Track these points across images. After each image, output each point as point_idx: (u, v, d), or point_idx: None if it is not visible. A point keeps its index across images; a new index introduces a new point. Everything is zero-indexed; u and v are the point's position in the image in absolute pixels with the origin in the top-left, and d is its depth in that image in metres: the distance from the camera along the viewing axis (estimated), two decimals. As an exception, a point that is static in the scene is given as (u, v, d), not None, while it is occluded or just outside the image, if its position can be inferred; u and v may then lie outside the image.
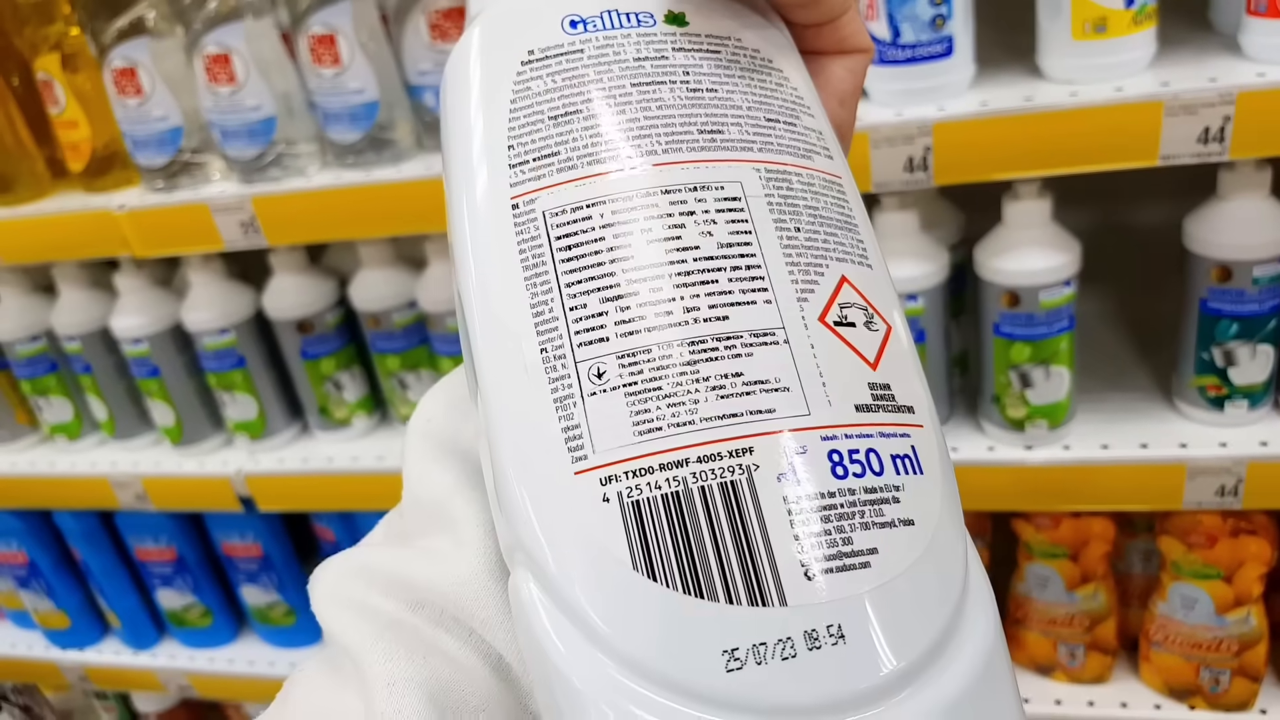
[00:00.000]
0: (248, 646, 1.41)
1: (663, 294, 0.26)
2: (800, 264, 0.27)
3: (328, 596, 0.31)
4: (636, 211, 0.27)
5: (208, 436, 1.23)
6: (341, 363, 1.16)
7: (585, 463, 0.24)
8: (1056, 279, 0.86)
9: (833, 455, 0.25)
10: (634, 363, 0.25)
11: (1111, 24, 0.76)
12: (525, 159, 0.28)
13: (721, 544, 0.24)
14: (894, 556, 0.24)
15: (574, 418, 0.25)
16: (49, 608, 1.44)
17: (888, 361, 0.27)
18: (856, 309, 0.27)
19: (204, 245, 1.03)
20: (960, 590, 0.25)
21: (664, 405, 0.25)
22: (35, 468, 1.30)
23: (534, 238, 0.27)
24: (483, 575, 0.29)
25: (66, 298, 1.21)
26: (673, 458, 0.24)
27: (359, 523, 1.26)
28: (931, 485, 0.26)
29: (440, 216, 0.94)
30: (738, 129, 0.29)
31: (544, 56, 0.29)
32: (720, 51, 0.30)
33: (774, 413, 0.25)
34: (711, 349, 0.25)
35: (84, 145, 1.08)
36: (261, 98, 0.97)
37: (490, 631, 0.29)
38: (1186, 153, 0.76)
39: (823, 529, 0.24)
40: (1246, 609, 0.96)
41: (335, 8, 0.93)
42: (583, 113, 0.28)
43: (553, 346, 0.26)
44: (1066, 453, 0.92)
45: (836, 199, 0.29)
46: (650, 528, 0.24)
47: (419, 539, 0.32)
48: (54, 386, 1.27)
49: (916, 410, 0.27)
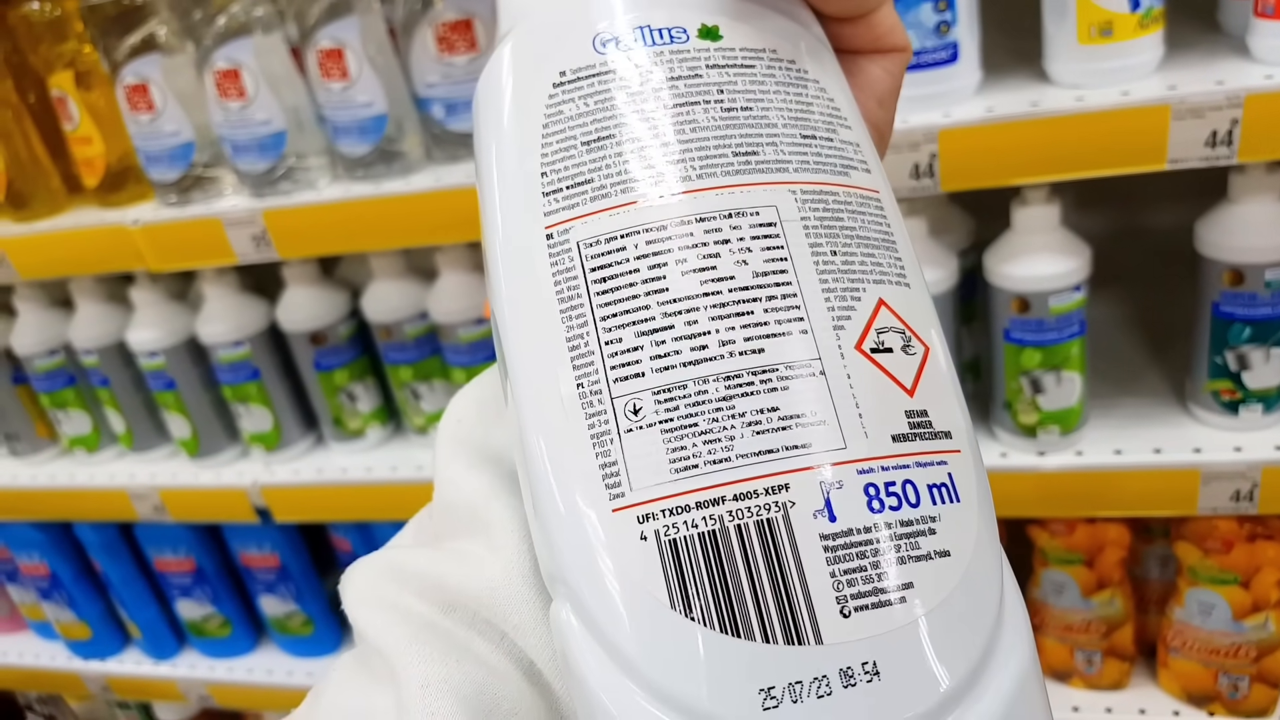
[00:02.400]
0: (267, 656, 1.42)
1: (698, 327, 0.26)
2: (837, 290, 0.27)
3: (360, 597, 0.31)
4: (671, 242, 0.26)
5: (224, 448, 1.23)
6: (355, 374, 1.16)
7: (623, 500, 0.25)
8: (1066, 284, 0.85)
9: (869, 489, 0.25)
10: (670, 399, 0.25)
11: (1117, 28, 0.76)
12: (559, 187, 0.28)
13: (758, 582, 0.24)
14: (929, 590, 0.24)
15: (611, 454, 0.25)
16: (71, 619, 1.46)
17: (925, 385, 0.27)
18: (894, 333, 0.27)
19: (217, 259, 1.04)
20: (995, 617, 0.25)
21: (700, 442, 0.25)
22: (55, 480, 1.31)
23: (569, 269, 0.27)
24: (516, 581, 0.29)
25: (83, 312, 1.22)
26: (709, 495, 0.24)
27: (375, 533, 1.27)
28: (968, 512, 0.26)
29: (449, 228, 0.95)
30: (773, 149, 0.28)
31: (576, 78, 0.29)
32: (755, 66, 0.29)
33: (810, 447, 0.25)
34: (747, 383, 0.25)
35: (98, 161, 1.10)
36: (271, 112, 0.98)
37: (523, 637, 0.29)
38: (1194, 156, 0.75)
39: (858, 565, 0.24)
40: (1264, 614, 0.95)
41: (343, 22, 0.93)
42: (615, 137, 0.28)
43: (589, 381, 0.26)
44: (1079, 459, 0.91)
45: (874, 216, 0.29)
46: (687, 566, 0.24)
47: (451, 541, 0.32)
48: (72, 399, 1.28)
49: (954, 434, 0.27)
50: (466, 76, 0.94)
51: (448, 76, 0.94)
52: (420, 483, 1.12)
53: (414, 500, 1.21)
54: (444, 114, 0.96)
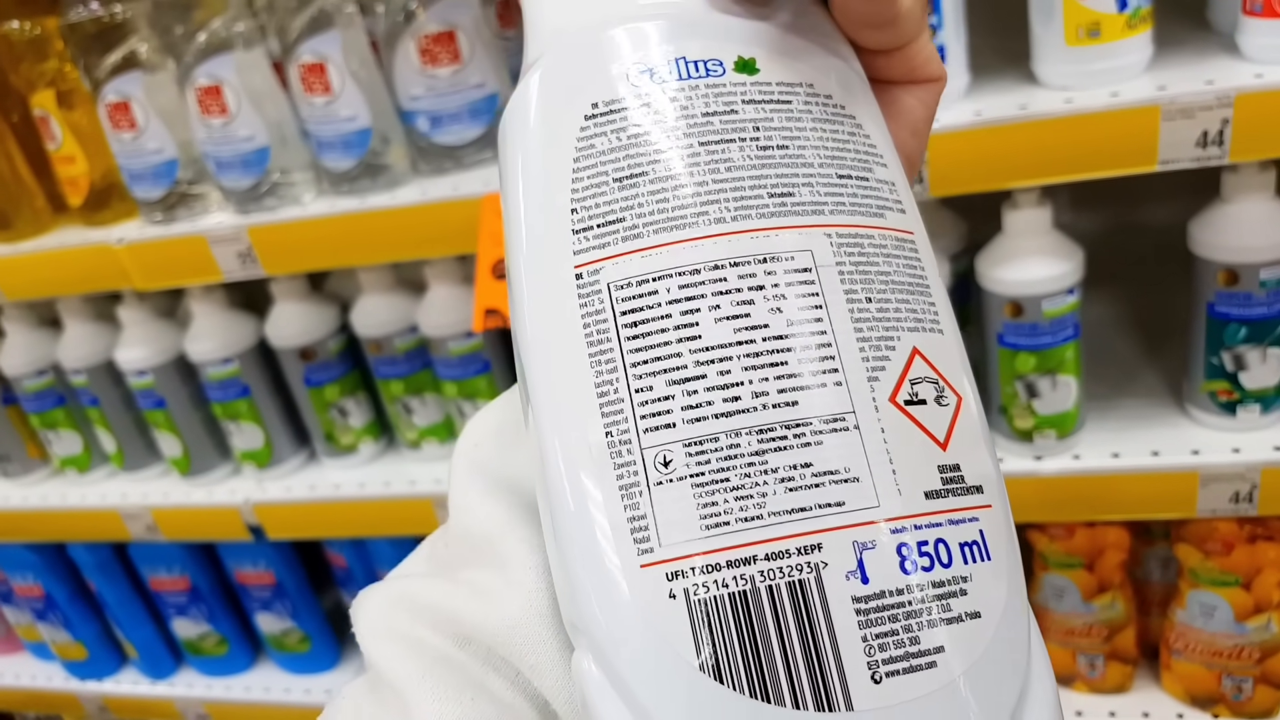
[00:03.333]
0: (264, 674, 1.41)
1: (731, 377, 0.25)
2: (871, 339, 0.26)
3: (372, 628, 0.31)
4: (704, 287, 0.26)
5: (215, 466, 1.23)
6: (345, 389, 1.16)
7: (651, 555, 0.24)
8: (1059, 288, 0.84)
9: (901, 549, 0.24)
10: (701, 451, 0.24)
11: (1105, 28, 0.75)
12: (589, 224, 0.27)
13: (789, 646, 0.23)
14: (960, 653, 0.24)
15: (639, 507, 0.24)
16: (66, 639, 1.45)
17: (958, 437, 0.26)
18: (927, 383, 0.27)
19: (203, 277, 1.03)
20: (1024, 676, 0.25)
21: (732, 499, 0.24)
22: (47, 501, 1.30)
23: (599, 312, 0.26)
24: (534, 620, 0.29)
25: (71, 331, 1.21)
26: (740, 555, 0.24)
27: (370, 548, 1.26)
28: (998, 570, 0.25)
29: (436, 241, 0.94)
30: (809, 190, 0.27)
31: (609, 110, 0.28)
32: (791, 101, 0.29)
33: (843, 506, 0.24)
34: (780, 437, 0.25)
35: (82, 180, 1.09)
36: (254, 128, 0.97)
37: (540, 677, 0.29)
38: (1185, 157, 0.74)
39: (890, 629, 0.24)
40: (1267, 616, 0.94)
41: (324, 36, 0.92)
42: (649, 175, 0.27)
43: (618, 430, 0.25)
44: (1077, 462, 0.90)
45: (908, 260, 0.28)
46: (717, 627, 0.23)
47: (466, 570, 0.31)
48: (62, 420, 1.27)
49: (985, 488, 0.26)
50: (450, 89, 0.93)
51: (431, 89, 0.94)
52: (414, 498, 1.11)
53: (408, 515, 1.20)
54: (429, 126, 0.95)
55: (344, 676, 1.37)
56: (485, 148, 0.96)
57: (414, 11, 0.91)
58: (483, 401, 1.09)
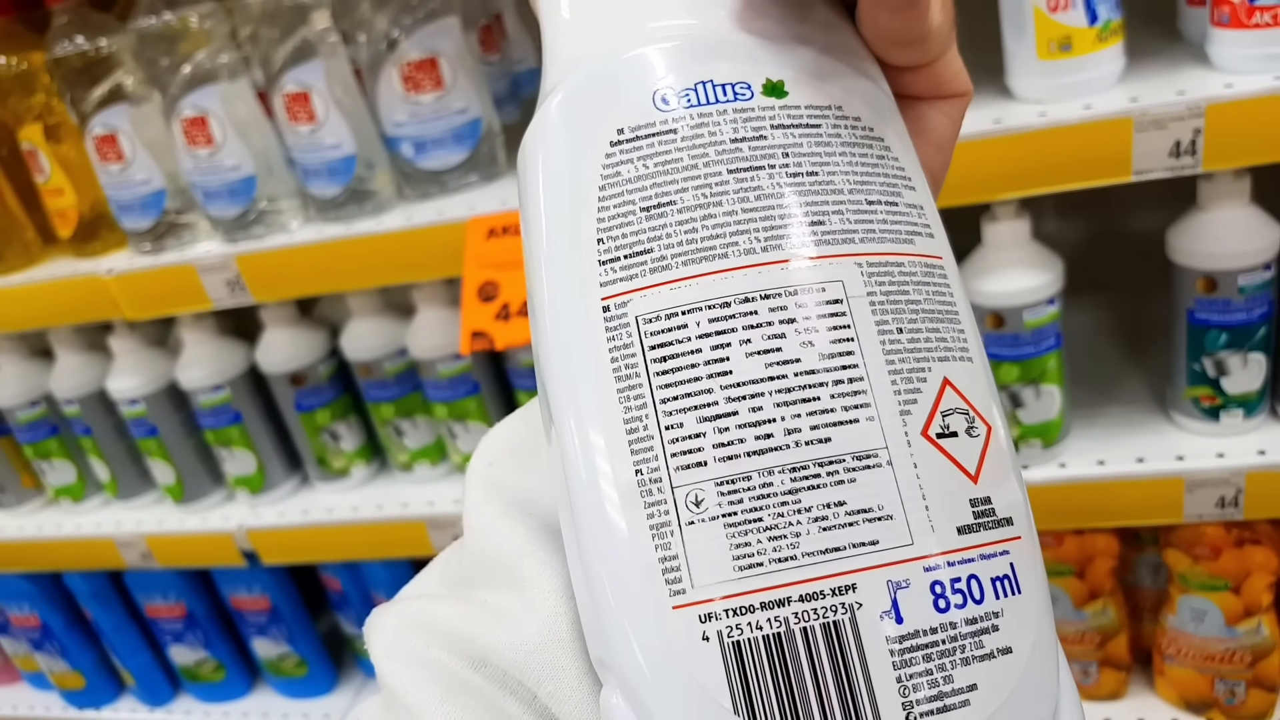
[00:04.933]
0: (262, 699, 1.41)
1: (763, 414, 0.24)
2: (903, 370, 0.26)
3: (387, 649, 0.30)
4: (735, 320, 0.25)
5: (209, 493, 1.23)
6: (337, 413, 1.16)
7: (684, 597, 0.24)
8: (1040, 298, 0.85)
9: (935, 587, 0.24)
10: (734, 490, 0.24)
11: (1076, 42, 0.76)
12: (616, 255, 0.26)
13: (824, 689, 0.23)
14: (993, 690, 0.24)
15: (671, 547, 0.24)
16: (64, 668, 1.45)
17: (988, 469, 0.26)
18: (958, 415, 0.26)
19: (192, 305, 1.04)
20: (1054, 706, 0.25)
21: (765, 539, 0.24)
22: (42, 531, 1.31)
23: (627, 346, 0.25)
24: (553, 645, 0.28)
25: (63, 362, 1.21)
26: (774, 596, 0.24)
27: (364, 571, 1.26)
28: (1028, 603, 0.25)
29: (423, 265, 0.95)
30: (839, 217, 0.27)
31: (634, 137, 0.27)
32: (820, 125, 0.28)
33: (877, 544, 0.24)
34: (813, 475, 0.24)
35: (70, 212, 1.09)
36: (240, 157, 0.98)
37: (557, 703, 0.28)
38: (1159, 167, 0.75)
39: (924, 669, 0.23)
40: (1257, 619, 0.94)
41: (308, 65, 0.93)
42: (677, 204, 0.26)
43: (648, 468, 0.25)
44: (1062, 471, 0.91)
45: (938, 286, 0.28)
46: (751, 670, 0.23)
47: (481, 590, 0.31)
48: (56, 449, 1.28)
49: (1015, 520, 0.26)
50: (434, 115, 0.94)
51: (415, 115, 0.94)
52: (406, 520, 1.12)
53: (401, 537, 1.20)
54: (413, 152, 0.96)
55: (341, 700, 1.37)
56: (469, 172, 0.97)
57: (396, 39, 0.92)
58: (473, 423, 1.09)
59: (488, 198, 0.95)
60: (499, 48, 1.03)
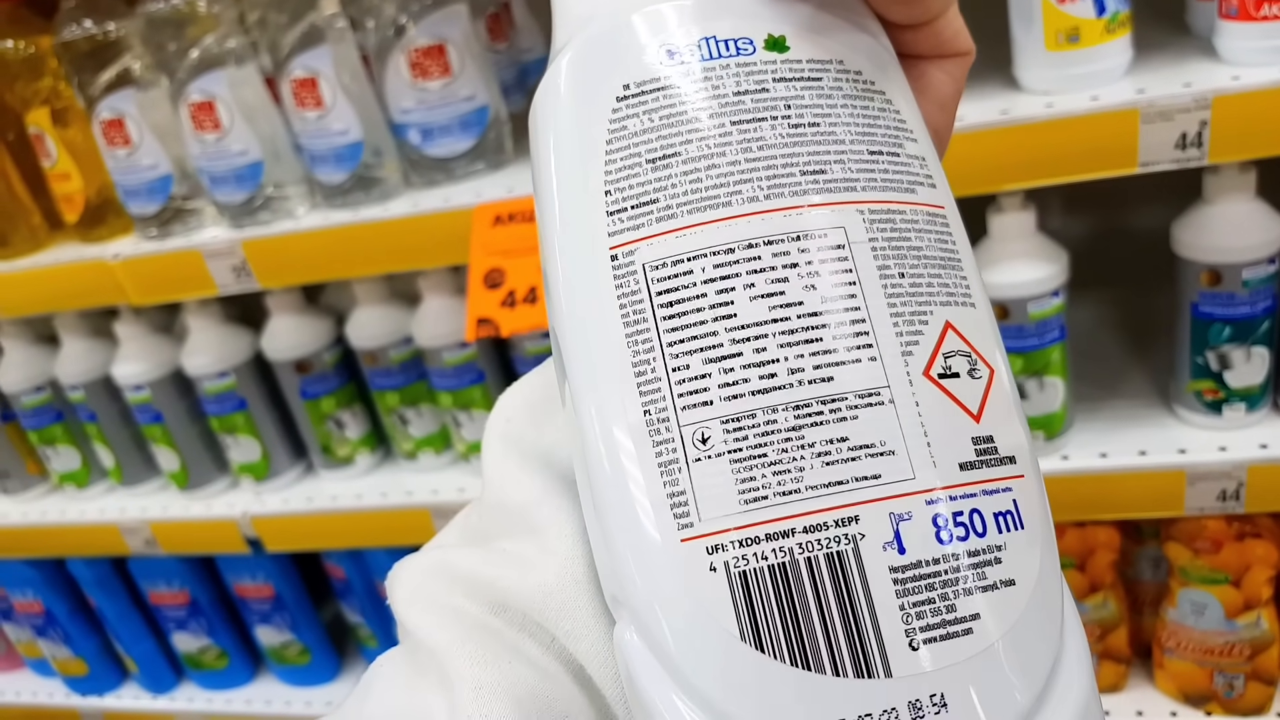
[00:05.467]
0: (265, 687, 1.41)
1: (766, 354, 0.25)
2: (904, 314, 0.26)
3: (408, 596, 0.31)
4: (739, 266, 0.26)
5: (213, 480, 1.23)
6: (342, 401, 1.16)
7: (691, 530, 0.25)
8: (1045, 290, 0.85)
9: (936, 520, 0.25)
10: (739, 428, 0.25)
11: (1084, 33, 0.76)
12: (624, 206, 0.27)
13: (828, 616, 0.24)
14: (995, 620, 0.24)
15: (679, 483, 0.25)
16: (67, 655, 1.45)
17: (991, 410, 0.27)
18: (960, 357, 0.27)
19: (198, 291, 1.04)
20: (1058, 643, 0.26)
21: (769, 474, 0.25)
22: (46, 517, 1.31)
23: (634, 292, 0.26)
24: (569, 585, 0.29)
25: (68, 347, 1.22)
26: (779, 528, 0.24)
27: (368, 559, 1.27)
28: (1032, 539, 0.26)
29: (429, 252, 0.95)
30: (841, 167, 0.28)
31: (640, 92, 0.28)
32: (822, 78, 0.29)
33: (879, 479, 0.25)
34: (816, 412, 0.25)
35: (77, 196, 1.10)
36: (247, 143, 0.98)
37: (575, 642, 0.29)
38: (1165, 159, 0.75)
39: (927, 597, 0.24)
40: (1257, 612, 0.95)
41: (315, 51, 0.94)
42: (681, 155, 0.27)
43: (656, 409, 0.26)
44: (1065, 463, 0.91)
45: (939, 235, 0.28)
46: (758, 599, 0.24)
47: (500, 541, 0.32)
48: (60, 435, 1.28)
49: (1018, 459, 0.27)
50: (441, 101, 0.94)
51: (422, 102, 0.95)
52: (411, 508, 1.12)
53: (405, 526, 1.20)
54: (420, 139, 0.96)
55: (344, 688, 1.37)
56: (476, 159, 0.97)
57: (404, 26, 0.92)
58: (478, 412, 1.09)
59: (494, 185, 0.95)
60: (507, 36, 1.03)
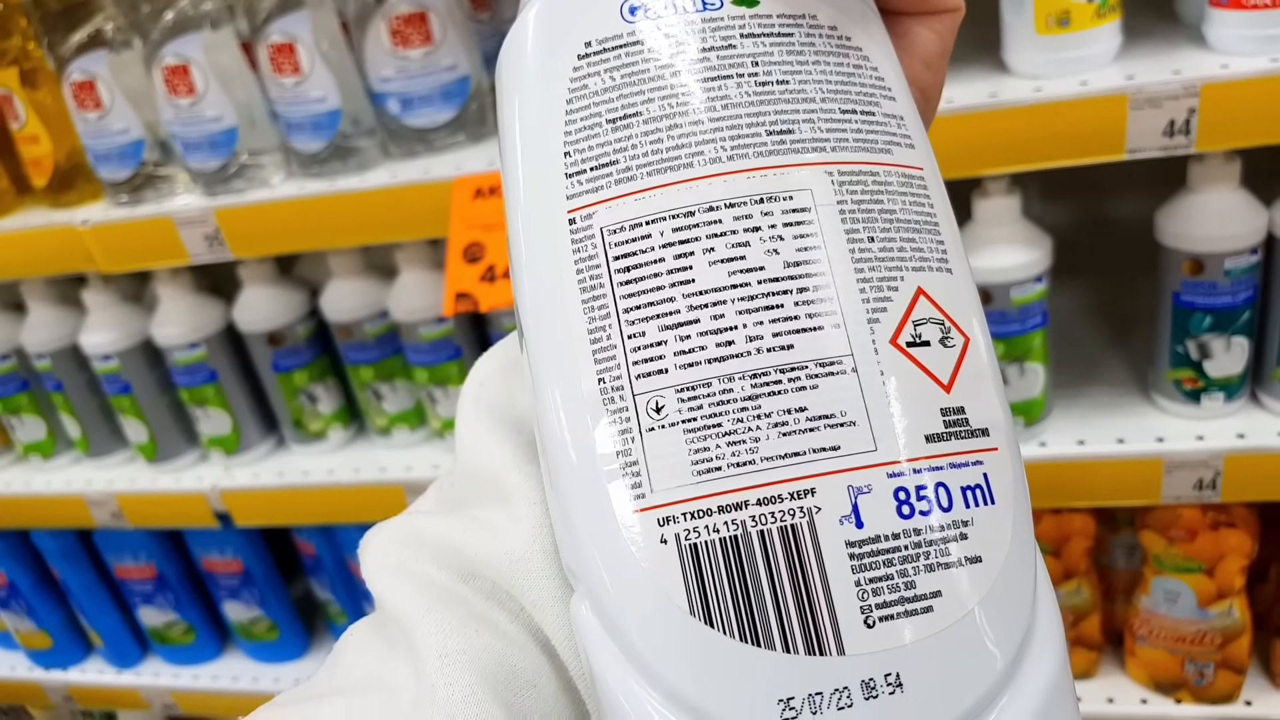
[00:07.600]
0: (232, 663, 1.39)
1: (724, 322, 0.25)
2: (873, 279, 0.26)
3: (378, 563, 0.31)
4: (699, 230, 0.25)
5: (182, 453, 1.21)
6: (314, 375, 1.15)
7: (643, 501, 0.24)
8: (1028, 275, 0.85)
9: (899, 493, 0.24)
10: (694, 397, 0.24)
11: (1075, 17, 0.76)
12: (582, 168, 0.26)
13: (780, 591, 0.23)
14: (958, 598, 0.24)
15: (632, 454, 0.24)
16: (30, 628, 1.43)
17: (963, 380, 0.26)
18: (932, 324, 0.26)
19: (169, 260, 1.02)
20: (1026, 625, 0.25)
21: (724, 444, 0.24)
22: (10, 488, 1.28)
23: (591, 257, 0.26)
24: (536, 555, 0.29)
25: (35, 315, 1.19)
26: (732, 500, 0.24)
27: (339, 536, 1.25)
28: (1002, 514, 0.25)
29: (407, 225, 0.93)
30: (810, 126, 0.27)
31: (602, 49, 0.27)
32: (793, 34, 0.28)
33: (838, 450, 0.24)
34: (774, 381, 0.24)
35: (46, 160, 1.07)
36: (222, 108, 0.96)
37: (540, 612, 0.29)
38: (1153, 146, 0.75)
39: (885, 574, 0.23)
40: (1229, 602, 0.95)
41: (294, 16, 0.92)
42: (643, 115, 0.26)
43: (611, 377, 0.25)
44: (1043, 449, 0.91)
45: (916, 197, 0.27)
46: (708, 572, 0.24)
47: (471, 509, 0.31)
48: (26, 405, 1.26)
49: (991, 431, 0.26)
50: (421, 71, 0.93)
51: (403, 70, 0.93)
52: (384, 485, 1.11)
53: (378, 502, 1.19)
54: (399, 109, 0.94)
55: (313, 665, 1.36)
56: (457, 131, 0.96)
57: (385, -7, 0.91)
58: (454, 388, 1.08)
59: (475, 157, 0.94)
60: (490, 6, 1.02)
